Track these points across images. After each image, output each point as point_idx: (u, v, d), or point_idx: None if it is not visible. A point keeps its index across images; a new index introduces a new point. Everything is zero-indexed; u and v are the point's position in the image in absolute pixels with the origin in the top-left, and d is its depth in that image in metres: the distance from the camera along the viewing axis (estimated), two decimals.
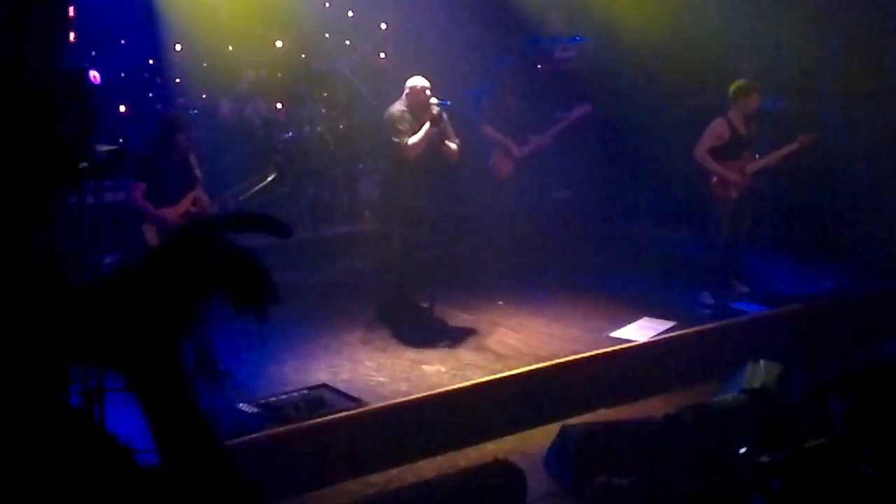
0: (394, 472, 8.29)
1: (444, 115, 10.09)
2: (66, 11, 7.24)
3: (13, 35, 6.79)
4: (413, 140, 10.06)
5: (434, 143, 10.10)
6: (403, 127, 10.12)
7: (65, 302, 2.02)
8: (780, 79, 13.26)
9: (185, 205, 9.23)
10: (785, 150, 11.36)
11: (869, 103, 13.12)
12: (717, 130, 11.12)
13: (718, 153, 11.08)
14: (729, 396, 8.83)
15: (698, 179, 11.36)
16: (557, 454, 8.28)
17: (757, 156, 11.33)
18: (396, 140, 10.08)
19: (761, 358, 9.30)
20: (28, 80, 6.84)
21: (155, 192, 9.10)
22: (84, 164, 7.18)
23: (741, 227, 11.38)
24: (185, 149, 9.25)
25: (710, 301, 11.23)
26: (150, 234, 9.14)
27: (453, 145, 10.24)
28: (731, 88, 11.19)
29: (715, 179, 11.14)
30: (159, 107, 11.69)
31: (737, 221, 11.32)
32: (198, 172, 9.35)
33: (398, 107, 10.24)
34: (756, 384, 8.86)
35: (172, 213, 9.16)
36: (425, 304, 10.62)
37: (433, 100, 10.06)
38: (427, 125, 10.03)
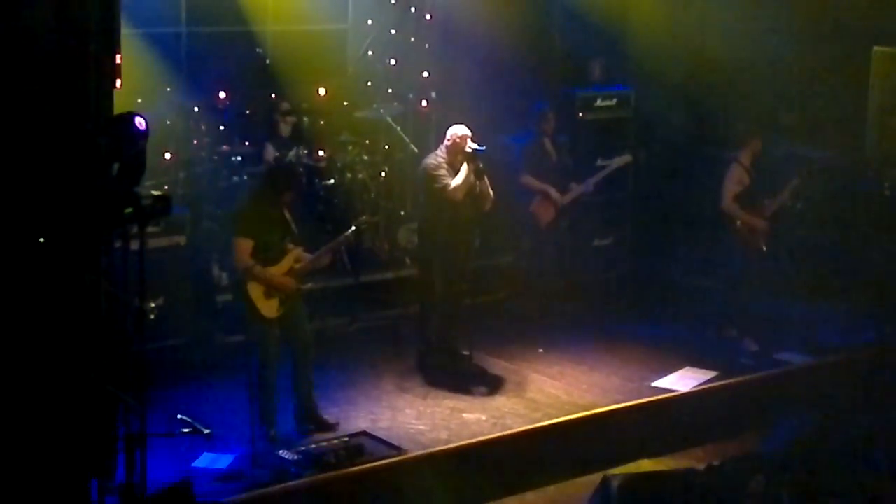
0: None
1: (480, 164, 10.21)
2: (114, 58, 7.32)
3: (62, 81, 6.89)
4: (456, 182, 10.16)
5: (472, 185, 10.18)
6: (442, 173, 10.23)
7: None
8: (823, 130, 13.21)
9: (288, 262, 9.03)
10: (790, 187, 11.60)
11: None
12: (736, 176, 11.25)
13: (742, 200, 11.18)
14: (772, 447, 8.75)
15: (726, 226, 11.39)
16: None
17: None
18: (439, 186, 10.17)
19: (805, 408, 9.22)
20: (77, 125, 6.93)
21: (260, 250, 8.91)
22: (129, 210, 7.23)
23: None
24: (286, 204, 9.10)
25: (754, 348, 11.14)
26: (256, 294, 8.88)
27: (489, 190, 10.33)
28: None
29: (739, 224, 11.19)
30: (203, 154, 11.78)
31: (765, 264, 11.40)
32: (294, 228, 9.17)
33: (434, 158, 10.40)
34: (800, 435, 8.78)
35: (278, 273, 8.96)
36: (466, 352, 10.59)
37: (470, 144, 10.15)
38: (465, 166, 10.13)
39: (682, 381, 10.42)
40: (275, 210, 9.04)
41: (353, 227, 9.49)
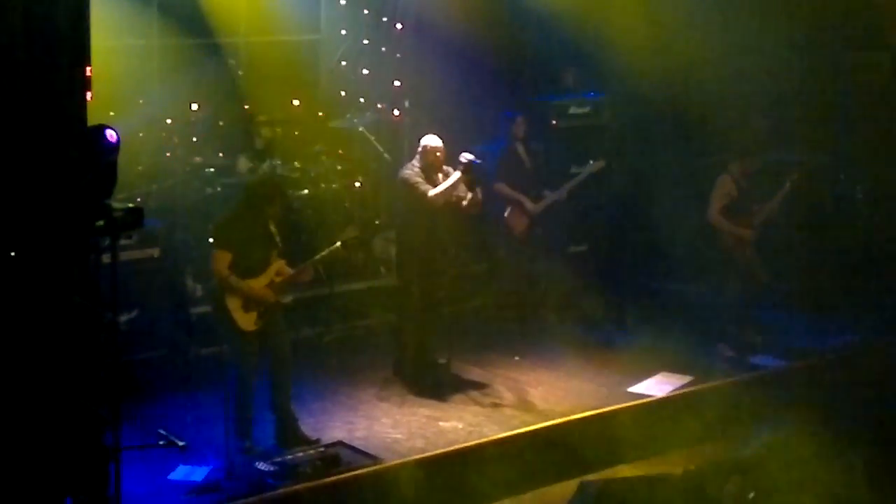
0: None
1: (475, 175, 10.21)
2: (84, 71, 7.29)
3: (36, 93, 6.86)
4: (436, 190, 10.14)
5: (450, 194, 10.18)
6: (418, 181, 10.23)
7: None
8: (797, 133, 13.27)
9: (268, 275, 8.97)
10: (780, 195, 11.53)
11: (888, 157, 13.15)
12: (724, 188, 11.23)
13: (729, 211, 11.18)
14: (749, 451, 8.76)
15: (712, 236, 11.40)
16: None
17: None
18: (419, 193, 10.15)
19: (780, 412, 9.25)
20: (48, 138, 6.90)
21: (239, 262, 8.85)
22: (101, 223, 7.20)
23: (757, 279, 11.42)
24: (271, 217, 9.03)
25: (729, 354, 11.17)
26: (234, 306, 8.84)
27: (479, 198, 10.34)
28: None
29: (726, 236, 11.22)
30: (176, 166, 11.74)
31: (752, 273, 11.37)
32: (279, 241, 9.11)
33: (410, 168, 10.38)
34: (775, 438, 8.80)
35: (256, 286, 8.91)
36: (442, 360, 10.59)
37: (466, 156, 10.13)
38: (455, 175, 10.13)
39: (657, 386, 10.44)
40: (258, 223, 8.97)
41: (339, 243, 9.44)
